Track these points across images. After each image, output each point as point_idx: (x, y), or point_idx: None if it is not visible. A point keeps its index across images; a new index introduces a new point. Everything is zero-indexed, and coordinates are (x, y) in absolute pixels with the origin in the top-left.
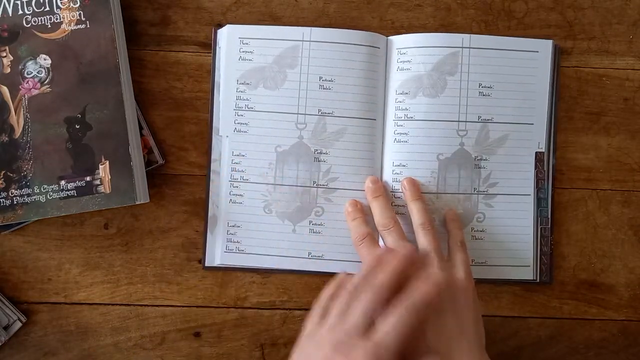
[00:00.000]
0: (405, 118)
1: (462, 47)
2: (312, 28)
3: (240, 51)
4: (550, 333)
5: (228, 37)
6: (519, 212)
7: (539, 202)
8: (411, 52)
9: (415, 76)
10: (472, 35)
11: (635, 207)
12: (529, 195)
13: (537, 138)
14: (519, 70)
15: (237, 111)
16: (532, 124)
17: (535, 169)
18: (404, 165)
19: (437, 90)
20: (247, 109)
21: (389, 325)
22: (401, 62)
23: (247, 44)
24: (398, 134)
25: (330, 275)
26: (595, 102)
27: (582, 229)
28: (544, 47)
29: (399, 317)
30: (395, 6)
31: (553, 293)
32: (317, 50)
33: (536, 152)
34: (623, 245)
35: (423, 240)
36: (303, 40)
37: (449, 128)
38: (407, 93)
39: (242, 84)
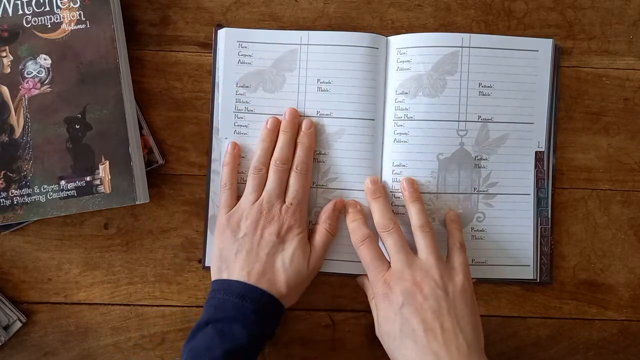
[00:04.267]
0: (405, 118)
1: (462, 47)
2: (310, 32)
3: (239, 54)
4: (550, 333)
5: (226, 40)
6: (519, 212)
7: (539, 201)
8: (411, 52)
9: (415, 76)
10: (471, 34)
11: (635, 207)
12: (529, 195)
13: (537, 137)
14: (519, 69)
15: (236, 114)
16: (532, 123)
17: (535, 168)
18: (404, 165)
19: (437, 90)
20: (246, 111)
21: (296, 187)
22: (401, 62)
23: (245, 47)
24: (398, 134)
25: (330, 275)
26: (595, 102)
27: (582, 229)
28: (544, 46)
29: (298, 179)
30: (395, 6)
31: (553, 293)
32: (316, 54)
33: (536, 152)
34: (623, 245)
35: (421, 242)
36: (301, 44)
37: (448, 128)
38: (406, 93)
39: (242, 87)
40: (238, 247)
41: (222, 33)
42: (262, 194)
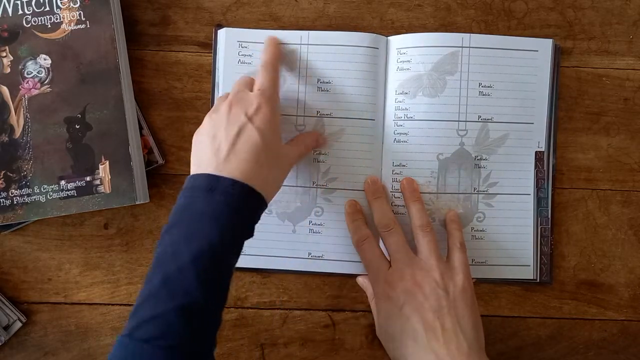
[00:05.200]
0: (405, 118)
1: (462, 47)
2: (310, 32)
3: (239, 54)
4: (550, 333)
5: (227, 40)
6: (519, 212)
7: (539, 201)
8: (411, 52)
9: (415, 76)
10: (471, 34)
11: (635, 207)
12: (529, 195)
13: (537, 137)
14: (519, 69)
15: None
16: (532, 123)
17: (535, 168)
18: (404, 165)
19: (437, 90)
20: None
21: (263, 78)
22: (401, 62)
23: (245, 47)
24: (398, 134)
25: (330, 275)
26: (595, 102)
27: (582, 229)
28: (544, 47)
29: (265, 71)
30: (395, 6)
31: (553, 293)
32: (316, 54)
33: (536, 152)
34: (623, 245)
35: (422, 241)
36: (301, 44)
37: (449, 128)
38: (406, 93)
39: None
40: (207, 138)
41: (222, 33)
42: None
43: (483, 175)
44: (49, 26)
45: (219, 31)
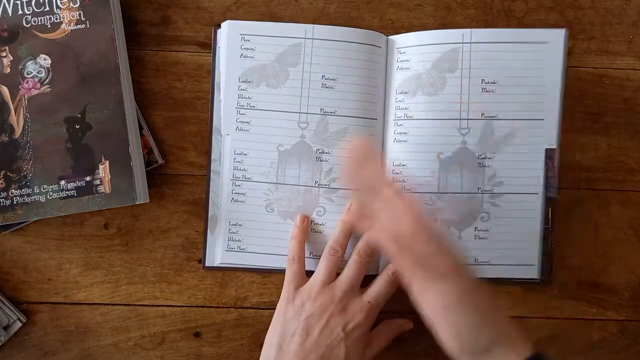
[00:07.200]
0: (405, 117)
1: (463, 43)
2: (315, 25)
3: (241, 48)
4: (550, 333)
5: (229, 33)
6: (524, 212)
7: (546, 201)
8: (410, 51)
9: (414, 75)
10: (472, 29)
11: (635, 207)
12: (537, 194)
13: (548, 134)
14: (527, 63)
15: (238, 109)
16: (543, 119)
17: (546, 166)
18: (404, 165)
19: (436, 89)
20: (249, 107)
21: (379, 291)
22: (401, 61)
23: (248, 40)
24: (398, 133)
25: None
26: (595, 102)
27: (582, 228)
28: (556, 38)
29: (385, 286)
30: (395, 6)
31: (553, 293)
32: (320, 49)
33: (546, 149)
34: (623, 245)
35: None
36: (305, 38)
37: (449, 127)
38: (406, 92)
39: (244, 82)
40: (296, 329)
41: (224, 26)
42: (336, 279)
43: (488, 174)
44: (49, 26)
45: (222, 24)
